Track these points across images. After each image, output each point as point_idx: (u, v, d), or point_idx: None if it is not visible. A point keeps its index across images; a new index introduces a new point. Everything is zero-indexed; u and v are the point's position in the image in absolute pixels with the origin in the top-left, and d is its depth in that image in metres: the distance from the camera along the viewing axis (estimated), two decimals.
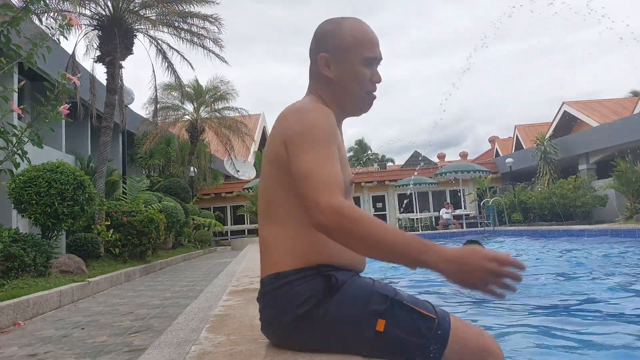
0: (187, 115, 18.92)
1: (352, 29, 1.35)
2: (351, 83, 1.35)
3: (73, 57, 9.75)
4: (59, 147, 10.80)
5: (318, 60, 1.37)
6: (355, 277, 1.29)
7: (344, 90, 1.36)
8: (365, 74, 1.35)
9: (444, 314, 1.25)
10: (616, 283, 4.35)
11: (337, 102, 1.37)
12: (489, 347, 1.24)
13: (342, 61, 1.34)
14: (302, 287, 1.22)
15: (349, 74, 1.34)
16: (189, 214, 14.53)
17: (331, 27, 1.38)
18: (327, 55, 1.35)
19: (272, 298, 1.27)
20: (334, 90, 1.37)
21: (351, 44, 1.34)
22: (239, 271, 4.47)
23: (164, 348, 1.59)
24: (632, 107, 19.12)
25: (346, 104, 1.39)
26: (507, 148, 29.29)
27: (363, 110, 1.43)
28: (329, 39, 1.36)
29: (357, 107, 1.40)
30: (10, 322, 3.67)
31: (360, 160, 49.48)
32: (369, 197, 23.64)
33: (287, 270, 1.25)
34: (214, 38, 11.84)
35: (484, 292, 1.06)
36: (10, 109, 3.27)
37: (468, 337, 1.23)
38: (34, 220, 5.88)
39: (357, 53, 1.33)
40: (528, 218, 17.15)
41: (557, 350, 2.44)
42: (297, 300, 1.22)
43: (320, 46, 1.37)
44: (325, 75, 1.36)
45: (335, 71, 1.35)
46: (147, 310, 4.16)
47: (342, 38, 1.34)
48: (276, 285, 1.26)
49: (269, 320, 1.30)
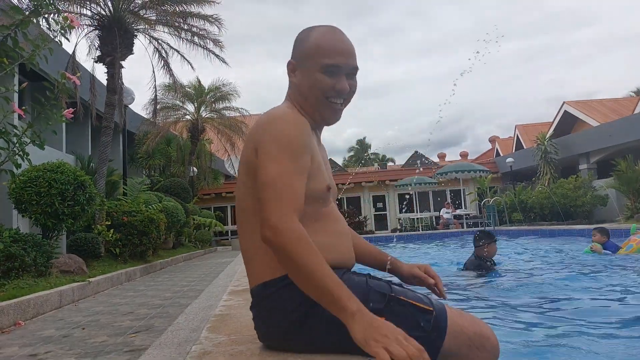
0: (188, 115, 18.93)
1: (318, 37, 1.36)
2: (309, 89, 1.35)
3: (73, 57, 9.76)
4: (59, 147, 10.80)
5: (287, 66, 1.40)
6: (348, 275, 1.30)
7: (304, 96, 1.37)
8: (324, 81, 1.33)
9: (440, 305, 1.27)
10: (616, 283, 4.35)
11: (302, 107, 1.38)
12: (484, 332, 1.27)
13: (304, 67, 1.36)
14: (292, 293, 1.21)
15: (308, 80, 1.35)
16: (189, 214, 14.53)
17: (303, 35, 1.41)
18: (293, 62, 1.39)
19: (264, 307, 1.27)
20: (298, 95, 1.38)
21: (312, 50, 1.34)
22: (239, 271, 4.47)
23: (164, 348, 1.59)
24: (632, 107, 19.09)
25: (309, 110, 1.38)
26: (508, 148, 29.27)
27: (327, 119, 1.40)
28: (298, 46, 1.40)
29: (318, 114, 1.39)
30: (11, 322, 3.68)
31: (361, 160, 49.46)
32: (370, 197, 23.64)
33: (275, 278, 1.25)
34: (214, 39, 11.85)
35: (373, 354, 0.99)
36: (11, 109, 3.27)
37: (464, 325, 1.25)
38: (35, 220, 5.88)
39: (317, 60, 1.33)
40: (528, 218, 17.15)
41: (558, 349, 2.44)
42: (290, 306, 1.22)
43: (292, 52, 1.41)
44: (291, 80, 1.40)
45: (298, 77, 1.37)
46: (148, 310, 4.16)
47: (306, 45, 1.36)
48: (266, 294, 1.26)
49: (265, 329, 1.31)
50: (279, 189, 1.14)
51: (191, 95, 18.74)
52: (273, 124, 1.24)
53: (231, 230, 22.82)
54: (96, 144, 10.89)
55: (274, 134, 1.21)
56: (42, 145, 3.45)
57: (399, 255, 1.87)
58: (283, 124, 1.23)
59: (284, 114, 1.27)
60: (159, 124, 16.11)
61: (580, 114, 20.95)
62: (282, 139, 1.20)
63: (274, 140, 1.20)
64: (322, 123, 1.44)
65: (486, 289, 4.33)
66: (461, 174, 18.02)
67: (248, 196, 1.30)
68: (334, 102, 1.36)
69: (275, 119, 1.26)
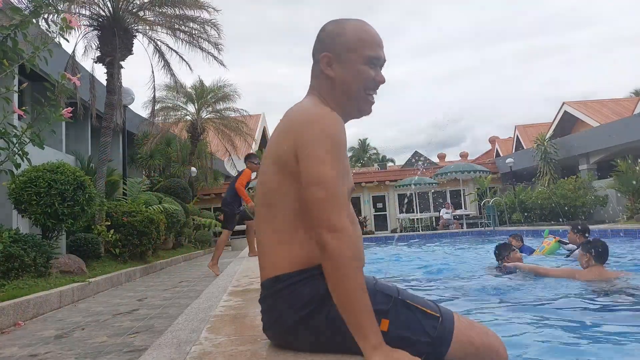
0: (188, 116, 18.93)
1: (356, 29, 1.36)
2: (353, 82, 1.34)
3: (73, 58, 9.75)
4: (59, 148, 10.79)
5: (321, 60, 1.37)
6: None
7: (344, 90, 1.35)
8: (368, 73, 1.34)
9: (448, 312, 1.26)
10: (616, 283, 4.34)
11: (338, 102, 1.36)
12: (493, 345, 1.25)
13: (345, 60, 1.34)
14: (303, 289, 1.22)
15: (351, 72, 1.34)
16: (189, 215, 14.53)
17: (335, 27, 1.38)
18: (329, 55, 1.35)
19: (274, 301, 1.27)
20: (335, 89, 1.36)
21: (354, 43, 1.34)
22: (239, 271, 4.47)
23: (164, 348, 1.59)
24: (632, 107, 19.10)
25: (347, 104, 1.37)
26: (508, 148, 29.29)
27: (363, 112, 1.41)
28: (333, 39, 1.36)
29: (357, 107, 1.39)
30: (11, 323, 3.68)
31: (361, 159, 49.47)
32: (369, 197, 23.63)
33: (287, 272, 1.25)
34: (214, 42, 11.85)
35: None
36: (11, 110, 3.27)
37: (472, 336, 1.23)
38: (34, 220, 5.87)
39: (360, 52, 1.33)
40: (528, 218, 17.15)
41: (561, 349, 2.43)
42: (299, 302, 1.22)
43: (324, 46, 1.37)
44: (327, 74, 1.36)
45: (337, 70, 1.35)
46: (148, 310, 4.16)
47: (345, 37, 1.35)
48: (277, 288, 1.26)
49: (272, 322, 1.30)
50: (334, 192, 1.14)
51: (192, 95, 18.75)
52: (317, 124, 1.22)
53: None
54: (96, 144, 10.87)
55: (320, 134, 1.19)
56: (42, 144, 3.45)
57: (403, 256, 1.86)
58: (328, 123, 1.22)
59: (326, 113, 1.25)
60: (159, 124, 16.10)
61: (580, 115, 20.96)
62: (329, 138, 1.19)
63: (321, 141, 1.18)
64: (356, 116, 1.43)
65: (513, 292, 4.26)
66: (461, 174, 18.03)
67: (278, 191, 1.27)
68: (371, 94, 1.37)
69: (320, 118, 1.23)
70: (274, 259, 1.28)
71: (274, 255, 1.28)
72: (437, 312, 1.23)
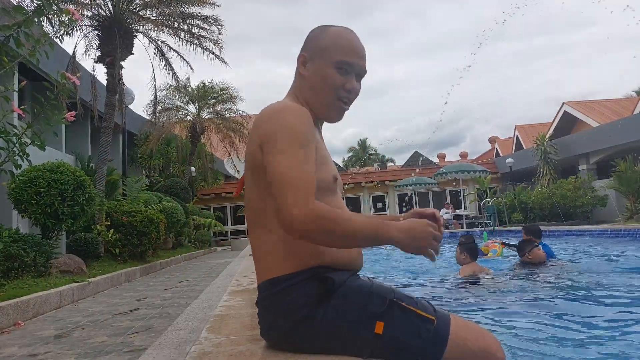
0: (189, 116, 18.94)
1: (335, 34, 1.37)
2: (319, 84, 1.35)
3: (73, 57, 9.76)
4: (59, 147, 10.79)
5: (298, 59, 1.40)
6: (353, 278, 1.29)
7: (312, 90, 1.36)
8: (335, 78, 1.34)
9: (444, 314, 1.25)
10: (616, 283, 4.35)
11: (308, 102, 1.37)
12: (490, 348, 1.23)
13: (317, 61, 1.36)
14: (298, 292, 1.22)
15: (319, 74, 1.35)
16: (189, 214, 14.52)
17: (319, 30, 1.41)
18: (305, 54, 1.39)
19: (269, 304, 1.27)
20: (307, 89, 1.38)
21: (328, 46, 1.35)
22: (239, 271, 4.48)
23: (164, 348, 1.59)
24: (632, 108, 19.09)
25: (315, 106, 1.37)
26: (507, 148, 29.26)
27: (331, 117, 1.40)
28: (311, 40, 1.40)
29: (324, 111, 1.38)
30: (11, 322, 3.68)
31: (361, 159, 49.45)
32: (369, 197, 23.64)
33: (281, 275, 1.24)
34: (214, 39, 11.86)
35: (424, 254, 1.19)
36: (11, 109, 3.27)
37: (469, 338, 1.22)
38: (34, 220, 5.88)
39: (331, 55, 1.34)
40: (528, 218, 17.14)
41: (558, 350, 2.44)
42: (295, 305, 1.22)
43: (304, 46, 1.41)
44: (301, 73, 1.39)
45: (310, 70, 1.37)
46: (147, 310, 4.16)
47: (322, 40, 1.37)
48: (273, 292, 1.25)
49: (268, 325, 1.30)
50: (291, 181, 1.13)
51: (193, 95, 18.76)
52: (275, 117, 1.23)
53: (231, 231, 22.81)
54: (96, 144, 10.87)
55: (277, 126, 1.20)
56: (43, 145, 3.44)
57: (405, 256, 1.86)
58: (286, 115, 1.23)
59: (285, 106, 1.27)
60: (159, 125, 16.09)
61: (580, 115, 20.94)
62: (286, 130, 1.19)
63: (279, 132, 1.19)
64: (325, 120, 1.43)
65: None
66: (461, 174, 18.01)
67: (256, 195, 1.29)
68: (341, 101, 1.36)
69: (278, 111, 1.25)
70: (267, 262, 1.28)
71: (267, 258, 1.28)
72: (433, 315, 1.22)
